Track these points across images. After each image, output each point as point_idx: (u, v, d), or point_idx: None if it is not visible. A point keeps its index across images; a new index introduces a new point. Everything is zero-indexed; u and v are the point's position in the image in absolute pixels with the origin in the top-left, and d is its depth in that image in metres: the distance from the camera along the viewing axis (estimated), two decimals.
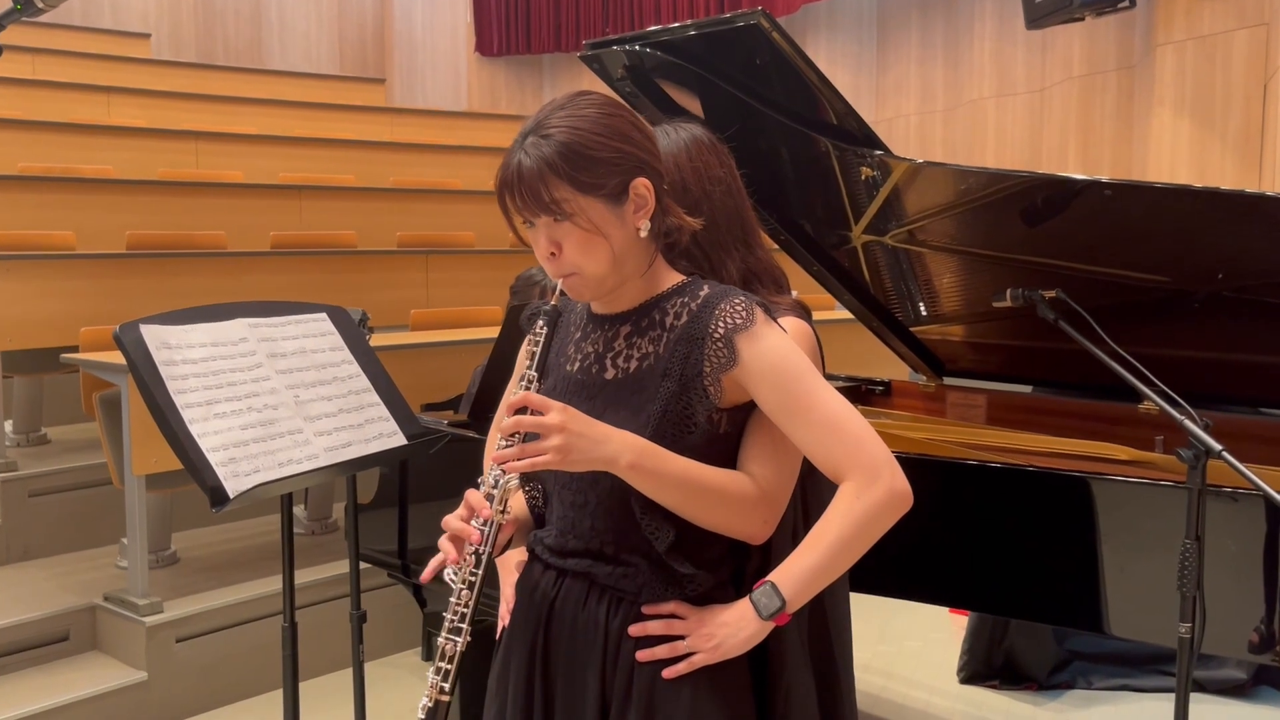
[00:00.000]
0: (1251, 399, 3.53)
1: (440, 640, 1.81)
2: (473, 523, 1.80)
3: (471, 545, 1.80)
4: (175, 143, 8.84)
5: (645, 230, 1.81)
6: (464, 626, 1.80)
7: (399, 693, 4.60)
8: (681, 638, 1.81)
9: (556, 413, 1.71)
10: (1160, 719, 4.28)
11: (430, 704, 1.81)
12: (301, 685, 3.21)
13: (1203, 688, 4.39)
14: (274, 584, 4.69)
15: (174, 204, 7.32)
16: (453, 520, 1.82)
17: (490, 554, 1.80)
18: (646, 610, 1.83)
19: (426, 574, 1.83)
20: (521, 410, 1.73)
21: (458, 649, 1.80)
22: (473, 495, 1.82)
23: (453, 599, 1.80)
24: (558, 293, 1.85)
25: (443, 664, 1.80)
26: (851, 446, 1.75)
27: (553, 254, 1.79)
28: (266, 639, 4.52)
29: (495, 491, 1.80)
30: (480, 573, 1.79)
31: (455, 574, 1.81)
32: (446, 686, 1.80)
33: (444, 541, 1.82)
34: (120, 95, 9.98)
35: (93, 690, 4.17)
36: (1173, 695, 2.54)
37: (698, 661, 1.80)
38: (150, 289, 5.95)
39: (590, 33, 12.84)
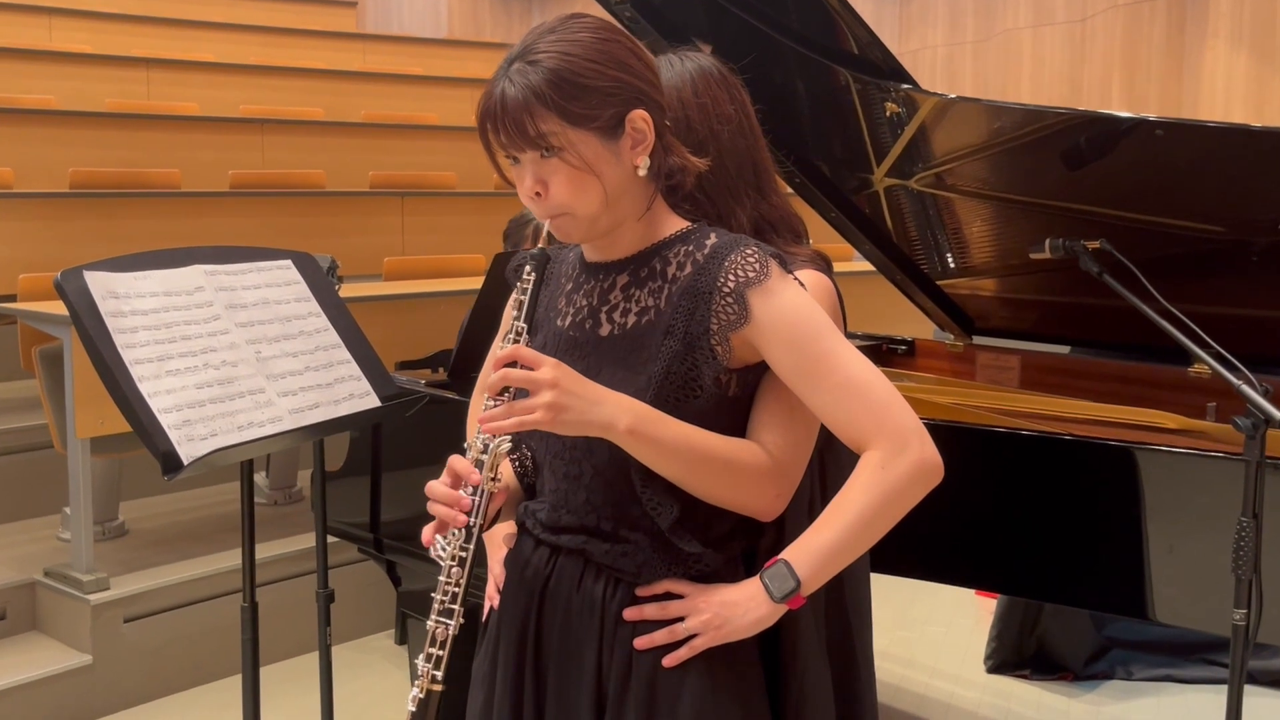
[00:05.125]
0: None
1: (430, 624, 1.79)
2: (460, 491, 1.79)
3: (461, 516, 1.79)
4: (124, 70, 8.79)
5: (644, 168, 1.79)
6: (455, 608, 1.78)
7: (370, 679, 4.61)
8: (681, 619, 1.80)
9: (549, 368, 1.70)
10: (1207, 713, 4.29)
11: (422, 695, 1.79)
12: (263, 670, 3.20)
13: (1254, 679, 4.40)
14: (233, 559, 4.68)
15: (123, 138, 7.30)
16: (438, 486, 1.81)
17: (481, 526, 1.79)
18: (640, 593, 1.82)
19: (427, 537, 1.82)
20: (511, 365, 1.72)
21: (450, 633, 1.78)
22: (457, 461, 1.80)
23: (442, 577, 1.79)
24: (545, 234, 1.83)
25: (433, 650, 1.79)
26: (877, 413, 1.74)
27: (538, 193, 1.77)
28: (224, 620, 4.51)
29: (484, 457, 1.78)
30: (471, 547, 1.78)
31: (444, 549, 1.80)
32: (439, 675, 1.79)
33: (435, 508, 1.81)
34: (63, 17, 9.92)
35: (32, 675, 4.17)
36: (1220, 687, 2.55)
37: (699, 645, 1.78)
38: (96, 232, 5.92)
39: None
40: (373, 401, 3.00)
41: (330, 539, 3.54)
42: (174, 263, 2.87)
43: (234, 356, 2.80)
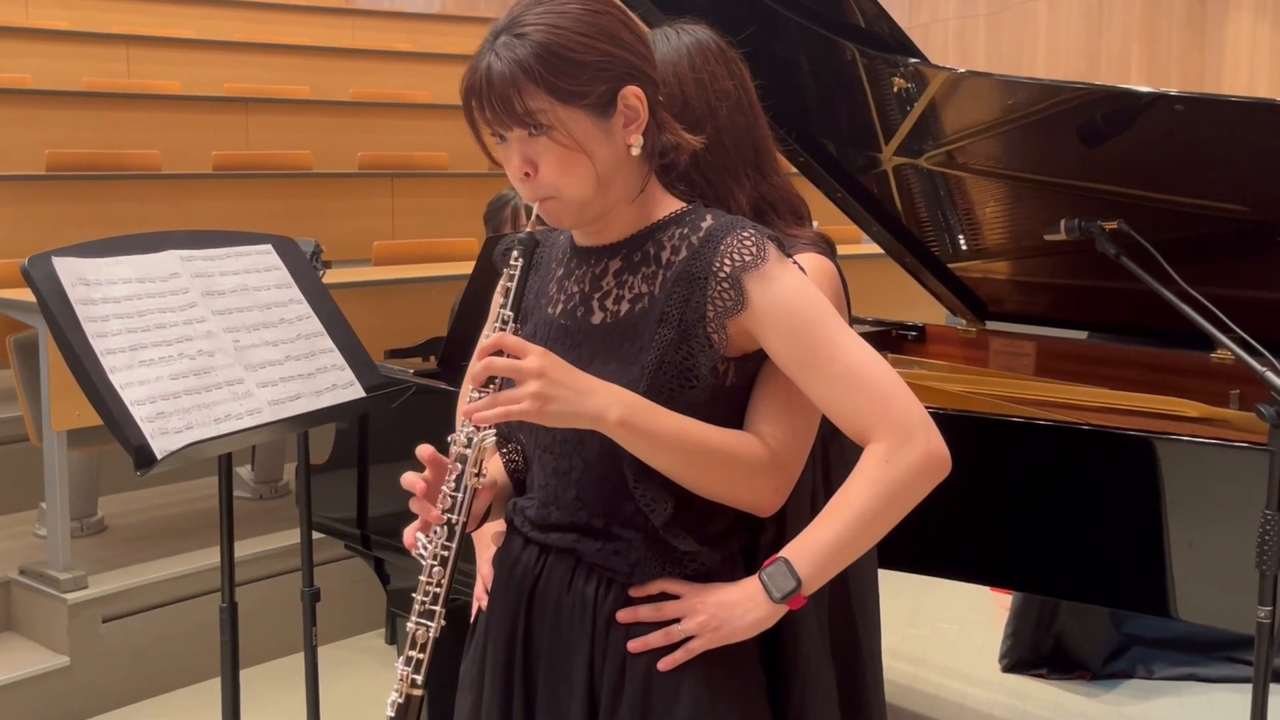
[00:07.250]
0: None
1: (410, 625, 1.78)
2: (443, 487, 1.77)
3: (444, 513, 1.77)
4: (103, 48, 8.79)
5: (637, 148, 1.77)
6: (437, 609, 1.77)
7: (358, 681, 4.60)
8: (677, 621, 1.78)
9: (535, 357, 1.67)
10: (1230, 713, 4.28)
11: (401, 699, 1.79)
12: (247, 672, 3.21)
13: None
14: (215, 556, 4.57)
15: (101, 118, 7.30)
16: (413, 477, 1.79)
17: (465, 524, 1.77)
18: (634, 593, 1.80)
19: (409, 538, 1.80)
20: (497, 354, 1.69)
21: (430, 635, 1.77)
22: (423, 449, 1.78)
23: (423, 576, 1.77)
24: (534, 218, 1.80)
25: (413, 653, 1.78)
26: (880, 404, 1.72)
27: (527, 174, 1.75)
28: (206, 619, 4.45)
29: (468, 451, 1.76)
30: (454, 545, 1.76)
31: (425, 547, 1.78)
32: (419, 679, 1.78)
33: (416, 504, 1.80)
34: None
35: (7, 677, 4.16)
36: (1244, 686, 2.53)
37: (696, 648, 1.76)
38: (74, 216, 5.92)
39: None
40: (357, 392, 2.98)
41: (316, 535, 3.54)
42: (148, 248, 2.85)
43: (211, 346, 2.78)
